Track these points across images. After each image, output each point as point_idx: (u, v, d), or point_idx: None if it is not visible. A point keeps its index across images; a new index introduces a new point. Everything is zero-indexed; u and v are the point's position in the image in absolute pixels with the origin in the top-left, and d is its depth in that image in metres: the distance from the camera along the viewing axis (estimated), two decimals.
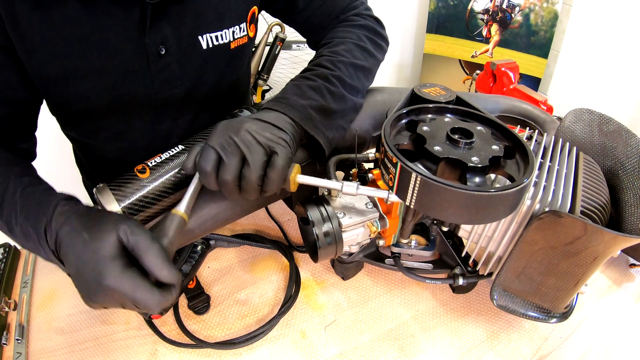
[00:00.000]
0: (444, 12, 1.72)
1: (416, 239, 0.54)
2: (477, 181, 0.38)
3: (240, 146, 0.40)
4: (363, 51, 0.57)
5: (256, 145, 0.40)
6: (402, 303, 0.54)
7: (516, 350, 0.49)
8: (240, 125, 0.41)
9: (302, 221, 0.53)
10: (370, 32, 0.61)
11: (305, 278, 0.57)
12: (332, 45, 0.57)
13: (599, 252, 0.41)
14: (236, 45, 0.58)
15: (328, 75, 0.52)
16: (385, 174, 0.41)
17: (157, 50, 0.50)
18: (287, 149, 0.42)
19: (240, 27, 0.57)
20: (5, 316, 0.52)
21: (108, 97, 0.52)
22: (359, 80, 0.55)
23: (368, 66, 0.57)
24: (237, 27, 0.56)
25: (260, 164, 0.40)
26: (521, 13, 1.54)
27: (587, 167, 0.48)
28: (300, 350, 0.49)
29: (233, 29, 0.56)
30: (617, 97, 1.37)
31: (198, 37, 0.53)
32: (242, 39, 0.58)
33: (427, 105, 0.47)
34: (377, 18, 0.65)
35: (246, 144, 0.40)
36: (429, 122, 0.45)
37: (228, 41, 0.56)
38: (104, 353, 0.49)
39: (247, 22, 0.58)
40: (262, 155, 0.40)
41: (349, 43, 0.57)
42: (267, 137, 0.41)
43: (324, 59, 0.54)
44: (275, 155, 0.41)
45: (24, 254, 0.62)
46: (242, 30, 0.58)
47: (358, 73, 0.55)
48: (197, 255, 0.57)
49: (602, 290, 0.57)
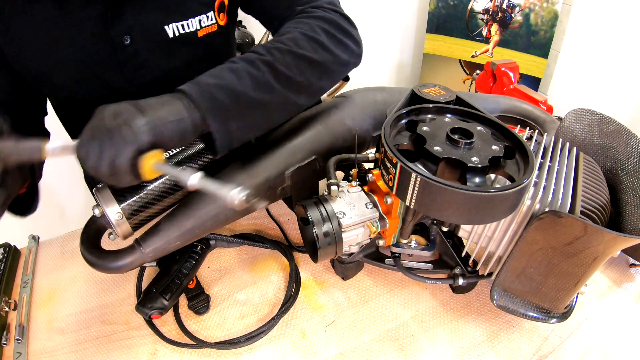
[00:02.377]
0: (444, 12, 1.72)
1: (416, 239, 0.54)
2: (477, 181, 0.38)
3: (95, 134, 0.37)
4: (313, 42, 0.50)
5: (102, 134, 0.37)
6: (402, 303, 0.54)
7: (516, 350, 0.49)
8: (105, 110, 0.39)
9: (302, 221, 0.53)
10: (331, 25, 0.53)
11: (305, 278, 0.57)
12: (278, 35, 0.51)
13: (599, 252, 0.41)
14: (204, 33, 0.58)
15: (255, 59, 0.46)
16: (385, 174, 0.41)
17: (122, 41, 0.53)
18: (126, 137, 0.37)
19: (207, 15, 0.58)
20: (5, 316, 0.52)
21: (89, 87, 0.55)
22: (302, 74, 0.48)
23: (318, 60, 0.50)
24: (204, 15, 0.57)
25: (94, 157, 0.37)
26: (521, 13, 1.54)
27: (587, 167, 0.48)
28: (300, 350, 0.49)
29: (199, 17, 0.57)
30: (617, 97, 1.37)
31: (164, 26, 0.54)
32: (211, 27, 0.59)
33: (427, 105, 0.47)
34: (345, 14, 0.58)
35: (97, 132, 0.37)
36: (429, 122, 0.45)
37: (195, 29, 0.57)
38: (104, 353, 0.49)
39: (214, 11, 0.58)
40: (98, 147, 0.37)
41: (297, 32, 0.50)
42: (115, 123, 0.37)
43: (260, 47, 0.48)
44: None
45: (24, 254, 0.62)
46: (209, 18, 0.58)
47: (301, 65, 0.48)
48: (197, 255, 0.57)
49: (602, 290, 0.57)
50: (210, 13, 0.58)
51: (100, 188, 0.44)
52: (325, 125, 0.56)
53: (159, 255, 0.47)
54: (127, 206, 0.44)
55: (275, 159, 0.52)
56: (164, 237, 0.46)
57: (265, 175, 0.51)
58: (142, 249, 0.45)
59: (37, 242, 0.64)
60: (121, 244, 0.47)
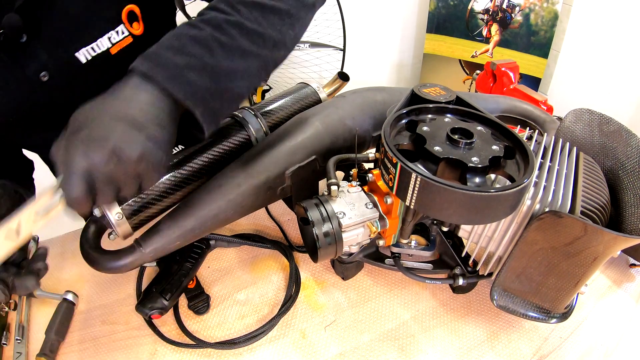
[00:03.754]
0: (444, 12, 1.72)
1: (416, 239, 0.54)
2: (477, 181, 0.38)
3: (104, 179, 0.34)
4: None
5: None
6: (402, 303, 0.54)
7: (516, 350, 0.49)
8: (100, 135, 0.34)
9: (302, 221, 0.53)
10: None
11: (305, 278, 0.57)
12: None
13: (599, 253, 0.41)
14: (118, 49, 0.54)
15: (221, 22, 0.41)
16: (385, 174, 0.41)
17: (39, 79, 0.49)
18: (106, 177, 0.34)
19: (116, 31, 0.54)
20: (5, 316, 0.52)
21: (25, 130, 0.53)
22: (273, 28, 0.44)
23: (284, 8, 0.45)
24: (112, 32, 0.53)
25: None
26: (521, 13, 1.54)
27: (587, 167, 0.48)
28: (300, 350, 0.49)
29: (108, 35, 0.53)
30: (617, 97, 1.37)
31: (74, 53, 0.51)
32: (124, 41, 0.55)
33: (427, 105, 0.47)
34: None
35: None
36: (429, 122, 0.45)
37: (107, 48, 0.53)
38: (104, 353, 0.49)
39: (124, 23, 0.54)
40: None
41: None
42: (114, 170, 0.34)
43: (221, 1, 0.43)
44: None
45: None
46: (120, 32, 0.54)
47: (268, 16, 0.44)
48: (197, 255, 0.57)
49: (602, 290, 0.57)
50: (119, 27, 0.54)
51: None
52: (325, 125, 0.56)
53: (159, 255, 0.47)
54: (127, 206, 0.44)
55: (275, 159, 0.52)
56: (164, 237, 0.46)
57: (265, 175, 0.51)
58: (142, 249, 0.45)
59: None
60: (121, 244, 0.47)
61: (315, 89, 0.65)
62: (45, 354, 0.46)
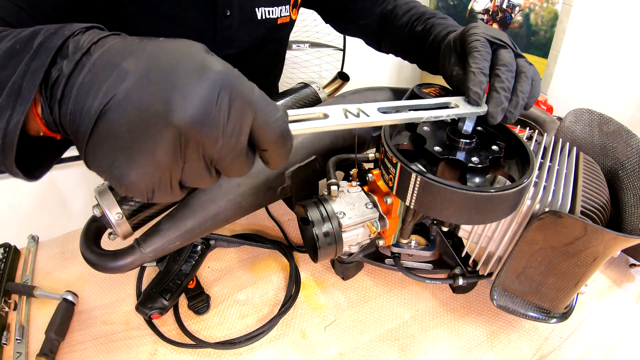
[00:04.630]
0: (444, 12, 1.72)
1: (416, 239, 0.54)
2: (477, 181, 0.38)
3: None
4: None
5: None
6: (402, 303, 0.54)
7: (516, 350, 0.49)
8: None
9: (302, 221, 0.53)
10: None
11: (305, 278, 0.57)
12: None
13: (599, 252, 0.41)
14: (281, 22, 0.67)
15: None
16: (385, 174, 0.41)
17: (224, 12, 0.59)
18: None
19: (285, 7, 0.67)
20: (5, 316, 0.52)
21: None
22: None
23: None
24: (284, 7, 0.66)
25: None
26: (521, 13, 1.54)
27: (587, 167, 0.48)
28: (300, 350, 0.49)
29: (281, 7, 0.66)
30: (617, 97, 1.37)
31: (255, 8, 0.63)
32: (285, 18, 0.68)
33: None
34: None
35: None
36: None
37: (276, 17, 0.66)
38: (103, 353, 0.49)
39: (290, 5, 0.68)
40: None
41: None
42: None
43: None
44: None
45: (23, 254, 0.62)
46: (286, 10, 0.67)
47: None
48: (197, 255, 0.57)
49: (602, 290, 0.57)
50: (287, 6, 0.67)
51: (100, 188, 0.44)
52: None
53: (159, 255, 0.47)
54: (127, 206, 0.44)
55: None
56: (164, 237, 0.46)
57: (264, 175, 0.51)
58: (142, 249, 0.45)
59: (36, 242, 0.64)
60: (121, 244, 0.47)
61: (315, 89, 0.65)
62: (45, 354, 0.46)
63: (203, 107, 0.22)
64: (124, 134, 0.22)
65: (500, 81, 0.38)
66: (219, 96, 0.23)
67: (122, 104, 0.21)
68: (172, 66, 0.22)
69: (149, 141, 0.22)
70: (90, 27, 0.25)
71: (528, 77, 0.40)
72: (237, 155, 0.25)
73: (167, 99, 0.21)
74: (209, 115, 0.22)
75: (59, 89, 0.23)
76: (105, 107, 0.22)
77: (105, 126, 0.22)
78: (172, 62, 0.23)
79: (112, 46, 0.23)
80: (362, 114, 0.33)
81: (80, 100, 0.22)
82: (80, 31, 0.24)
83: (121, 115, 0.21)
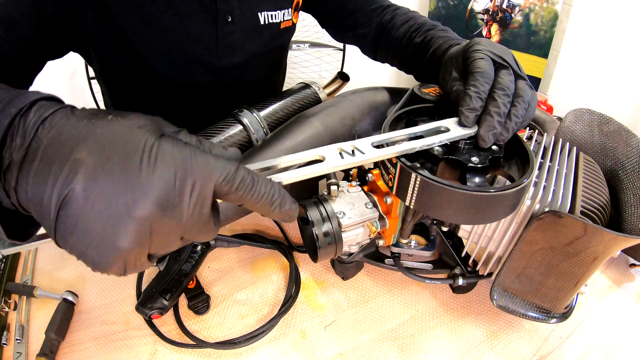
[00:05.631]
0: (444, 12, 1.72)
1: (416, 239, 0.54)
2: (477, 181, 0.38)
3: None
4: None
5: None
6: (402, 303, 0.54)
7: (516, 350, 0.49)
8: None
9: (302, 221, 0.53)
10: None
11: (305, 278, 0.57)
12: None
13: (599, 252, 0.41)
14: (284, 26, 0.67)
15: None
16: (385, 174, 0.41)
17: (225, 17, 0.58)
18: None
19: (287, 11, 0.66)
20: (5, 316, 0.52)
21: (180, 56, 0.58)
22: None
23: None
24: (286, 10, 0.66)
25: None
26: (521, 13, 1.54)
27: (587, 167, 0.48)
28: (300, 350, 0.49)
29: (283, 11, 0.65)
30: (617, 97, 1.37)
31: (258, 12, 0.62)
32: (288, 22, 0.68)
33: (427, 105, 0.47)
34: None
35: None
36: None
37: (279, 21, 0.65)
38: (104, 353, 0.49)
39: (292, 9, 0.67)
40: None
41: None
42: None
43: None
44: None
45: (23, 254, 0.62)
46: (288, 14, 0.67)
47: None
48: (197, 255, 0.57)
49: (602, 290, 0.57)
50: (289, 10, 0.66)
51: None
52: (325, 125, 0.56)
53: None
54: None
55: None
56: None
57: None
58: None
59: None
60: None
61: (315, 89, 0.65)
62: (45, 354, 0.46)
63: (163, 196, 0.23)
64: (89, 226, 0.22)
65: (496, 105, 0.38)
66: (176, 180, 0.23)
67: (82, 200, 0.22)
68: (125, 159, 0.22)
69: (115, 234, 0.22)
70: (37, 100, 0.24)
71: (525, 102, 0.39)
72: (203, 225, 0.26)
73: (125, 198, 0.22)
74: (169, 201, 0.23)
75: (13, 176, 0.23)
76: (63, 201, 0.22)
77: (68, 220, 0.22)
78: (124, 153, 0.23)
79: (61, 130, 0.23)
80: (357, 151, 0.34)
81: (37, 192, 0.22)
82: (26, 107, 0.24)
83: (82, 211, 0.22)
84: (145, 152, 0.23)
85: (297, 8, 0.69)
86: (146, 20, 0.54)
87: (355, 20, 0.72)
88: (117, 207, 0.22)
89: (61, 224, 0.22)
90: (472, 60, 0.41)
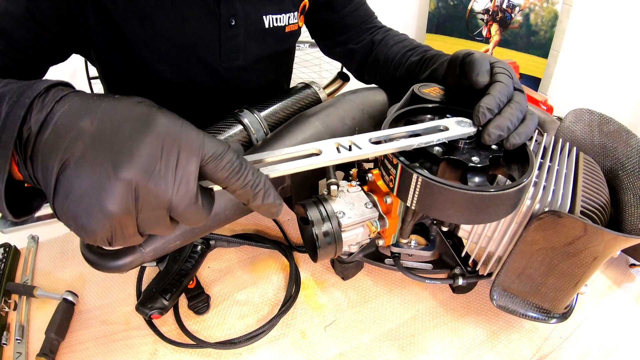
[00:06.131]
0: (444, 12, 1.72)
1: (416, 239, 0.54)
2: (477, 181, 0.38)
3: None
4: None
5: None
6: (402, 303, 0.54)
7: (516, 350, 0.49)
8: None
9: (301, 221, 0.53)
10: None
11: (305, 278, 0.57)
12: None
13: (599, 252, 0.41)
14: (289, 30, 0.66)
15: None
16: (386, 175, 0.41)
17: (228, 21, 0.57)
18: None
19: (293, 14, 0.65)
20: (5, 316, 0.52)
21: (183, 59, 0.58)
22: None
23: None
24: (292, 14, 0.65)
25: None
26: (521, 13, 1.54)
27: (587, 167, 0.48)
28: (300, 350, 0.49)
29: (289, 15, 0.64)
30: (617, 97, 1.37)
31: (262, 16, 0.61)
32: (294, 26, 0.67)
33: (427, 105, 0.47)
34: None
35: None
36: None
37: (284, 25, 0.64)
38: (104, 353, 0.49)
39: (298, 12, 0.66)
40: None
41: None
42: None
43: None
44: None
45: (23, 254, 0.62)
46: (294, 17, 0.66)
47: None
48: (197, 255, 0.57)
49: (602, 290, 0.57)
50: (295, 13, 0.66)
51: None
52: (325, 125, 0.56)
53: (159, 255, 0.47)
54: None
55: None
56: (164, 237, 0.46)
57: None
58: (142, 249, 0.45)
59: (36, 242, 0.64)
60: None
61: (315, 89, 0.65)
62: (45, 354, 0.46)
63: (148, 161, 0.24)
64: (82, 189, 0.24)
65: (511, 113, 0.38)
66: (163, 149, 0.25)
67: (78, 163, 0.24)
68: (120, 125, 0.25)
69: (102, 196, 0.24)
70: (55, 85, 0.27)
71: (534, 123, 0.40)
72: (189, 203, 0.26)
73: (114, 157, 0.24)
74: (154, 168, 0.24)
75: (30, 146, 0.25)
76: (63, 165, 0.24)
77: (65, 183, 0.24)
78: (120, 120, 0.25)
79: (72, 105, 0.26)
80: (354, 146, 0.34)
81: (45, 158, 0.25)
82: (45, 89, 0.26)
83: (77, 173, 0.24)
84: (137, 120, 0.25)
85: (303, 11, 0.68)
86: (148, 22, 0.53)
87: (350, 35, 0.73)
88: (105, 168, 0.24)
89: (60, 188, 0.24)
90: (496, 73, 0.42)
